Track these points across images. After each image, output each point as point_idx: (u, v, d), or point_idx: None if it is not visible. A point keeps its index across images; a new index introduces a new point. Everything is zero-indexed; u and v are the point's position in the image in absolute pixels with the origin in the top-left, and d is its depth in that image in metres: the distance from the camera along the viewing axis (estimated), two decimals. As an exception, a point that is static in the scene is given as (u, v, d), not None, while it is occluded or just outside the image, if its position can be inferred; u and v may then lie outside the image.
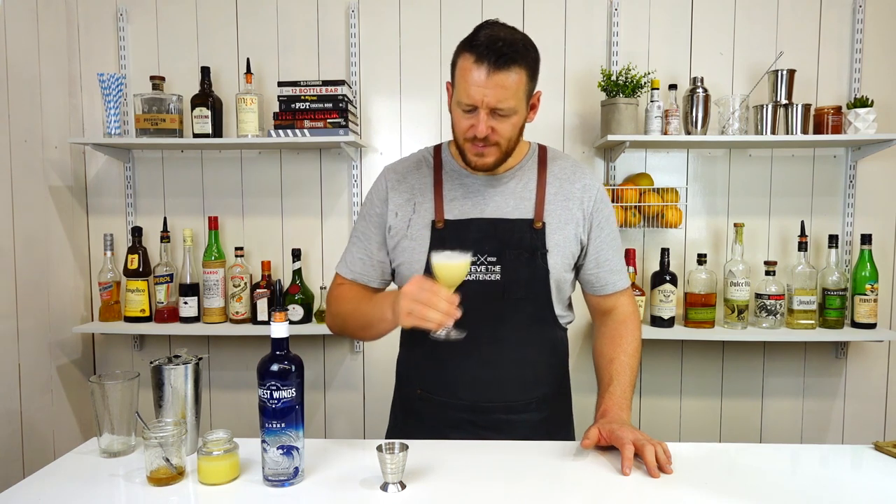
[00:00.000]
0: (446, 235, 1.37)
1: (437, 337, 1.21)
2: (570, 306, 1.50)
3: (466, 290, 1.30)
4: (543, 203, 1.39)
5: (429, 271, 1.32)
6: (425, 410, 1.45)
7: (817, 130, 2.30)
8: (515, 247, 1.36)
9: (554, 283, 1.39)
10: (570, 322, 1.49)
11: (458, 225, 1.38)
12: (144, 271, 2.42)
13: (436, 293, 1.17)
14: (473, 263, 1.34)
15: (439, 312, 1.16)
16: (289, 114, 2.30)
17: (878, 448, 1.34)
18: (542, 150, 1.47)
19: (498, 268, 1.36)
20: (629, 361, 1.42)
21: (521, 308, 1.38)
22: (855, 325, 2.33)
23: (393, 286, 1.52)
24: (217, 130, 2.38)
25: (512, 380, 1.40)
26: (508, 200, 1.40)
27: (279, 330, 1.15)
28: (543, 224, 1.38)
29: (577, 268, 1.46)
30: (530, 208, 1.39)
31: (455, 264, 1.21)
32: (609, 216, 1.45)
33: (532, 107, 1.36)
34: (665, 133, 2.27)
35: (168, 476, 1.16)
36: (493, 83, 1.24)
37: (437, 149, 1.48)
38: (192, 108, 2.35)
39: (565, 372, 1.53)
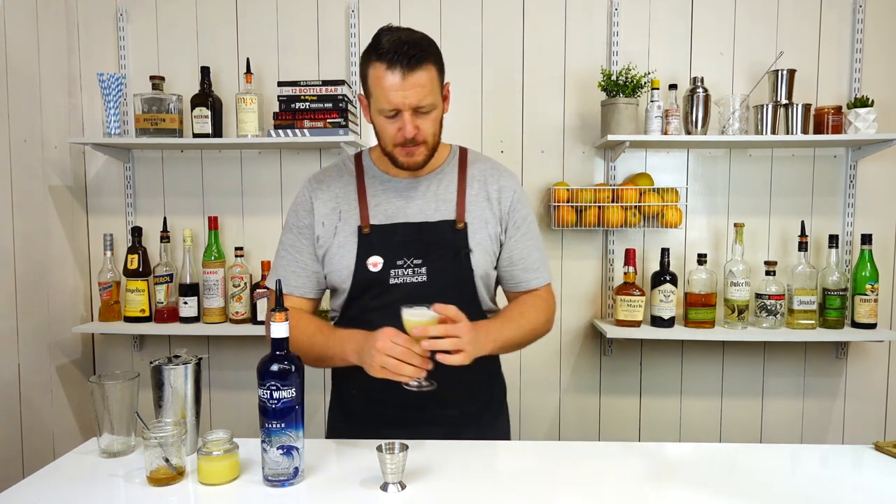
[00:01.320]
0: (373, 240, 1.41)
1: (409, 388, 1.25)
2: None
3: (394, 293, 1.35)
4: (464, 204, 1.44)
5: (357, 281, 1.39)
6: (362, 410, 1.48)
7: (817, 130, 2.30)
8: (439, 248, 1.40)
9: (480, 280, 1.43)
10: None
11: (384, 229, 1.41)
12: (144, 271, 2.42)
13: (410, 348, 1.21)
14: (400, 267, 1.39)
15: (412, 367, 1.20)
16: (289, 114, 2.30)
17: (879, 448, 1.34)
18: (463, 153, 1.52)
19: (424, 269, 1.39)
20: (527, 318, 1.44)
21: None
22: (855, 325, 2.33)
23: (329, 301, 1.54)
24: (217, 130, 2.38)
25: (442, 376, 1.40)
26: (430, 203, 1.44)
27: (279, 330, 1.15)
28: (465, 224, 1.42)
29: None
30: (452, 210, 1.43)
31: (425, 321, 1.23)
32: (526, 217, 1.50)
33: (444, 98, 1.41)
34: (665, 133, 2.27)
35: (168, 476, 1.16)
36: (410, 84, 1.29)
37: (358, 156, 1.52)
38: (192, 108, 2.35)
39: (496, 365, 1.57)
